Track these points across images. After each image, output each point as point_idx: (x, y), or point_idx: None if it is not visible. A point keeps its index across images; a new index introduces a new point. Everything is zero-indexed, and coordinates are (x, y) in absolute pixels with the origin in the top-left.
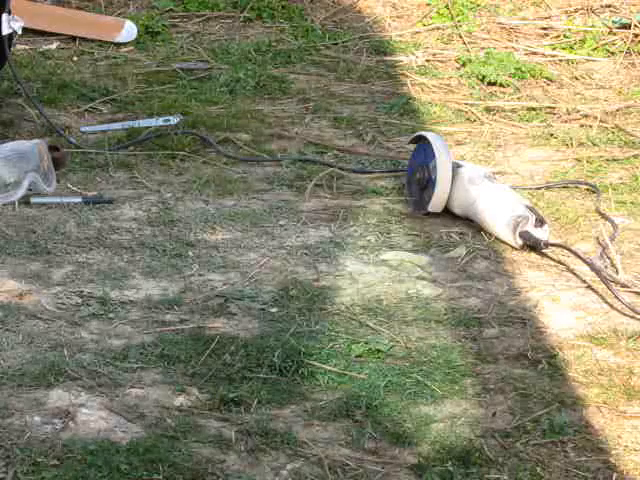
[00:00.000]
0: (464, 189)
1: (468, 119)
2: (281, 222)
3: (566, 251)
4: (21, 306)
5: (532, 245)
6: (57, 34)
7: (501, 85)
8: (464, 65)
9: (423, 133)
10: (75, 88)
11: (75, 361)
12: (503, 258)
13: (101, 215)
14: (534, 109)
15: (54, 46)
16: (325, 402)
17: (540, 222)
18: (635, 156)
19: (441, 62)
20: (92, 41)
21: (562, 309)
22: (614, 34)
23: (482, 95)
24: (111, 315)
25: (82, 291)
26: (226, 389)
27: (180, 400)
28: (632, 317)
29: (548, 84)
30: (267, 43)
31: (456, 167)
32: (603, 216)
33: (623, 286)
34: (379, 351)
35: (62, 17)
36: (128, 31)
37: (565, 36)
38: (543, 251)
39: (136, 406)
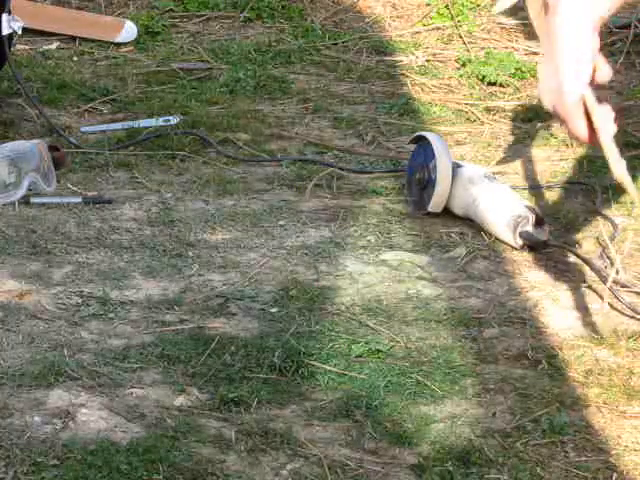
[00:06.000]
0: (464, 189)
1: (468, 119)
2: (281, 222)
3: (566, 251)
4: (21, 306)
5: (532, 245)
6: (57, 34)
7: (501, 85)
8: (464, 65)
9: (423, 133)
10: (75, 88)
11: (75, 361)
12: (503, 258)
13: (101, 215)
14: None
15: (54, 46)
16: (325, 402)
17: (540, 222)
18: (635, 156)
19: (441, 62)
20: (92, 41)
21: (562, 309)
22: (614, 34)
23: (482, 95)
24: (111, 315)
25: (82, 291)
26: (226, 389)
27: (180, 400)
28: (632, 317)
29: None
30: (267, 43)
31: (456, 167)
32: (603, 216)
33: (623, 286)
34: (379, 351)
35: (62, 17)
36: (128, 31)
37: None
38: (543, 251)
39: (136, 406)
